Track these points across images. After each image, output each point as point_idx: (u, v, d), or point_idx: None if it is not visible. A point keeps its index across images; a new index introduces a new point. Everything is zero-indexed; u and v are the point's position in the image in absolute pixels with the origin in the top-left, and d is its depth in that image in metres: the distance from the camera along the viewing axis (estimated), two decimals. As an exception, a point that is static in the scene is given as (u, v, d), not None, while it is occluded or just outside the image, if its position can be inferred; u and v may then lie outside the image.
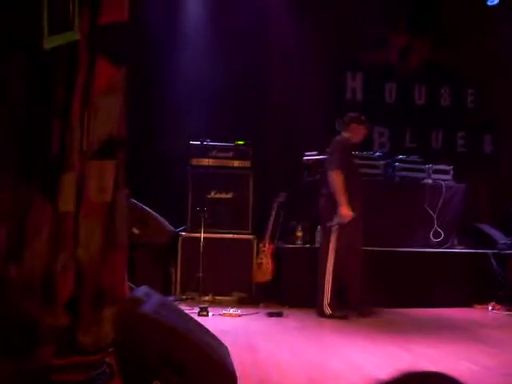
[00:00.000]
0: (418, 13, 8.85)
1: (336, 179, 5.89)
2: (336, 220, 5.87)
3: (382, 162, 7.34)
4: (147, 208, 6.22)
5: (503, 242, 7.12)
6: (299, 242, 6.79)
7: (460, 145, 8.88)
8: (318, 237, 6.70)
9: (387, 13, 8.71)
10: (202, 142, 6.88)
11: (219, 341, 3.18)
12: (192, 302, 6.26)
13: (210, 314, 5.73)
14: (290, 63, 8.23)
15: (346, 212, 5.80)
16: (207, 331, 3.16)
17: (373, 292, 6.05)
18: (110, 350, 3.09)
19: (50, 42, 3.10)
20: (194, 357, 2.72)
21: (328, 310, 5.85)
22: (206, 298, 6.32)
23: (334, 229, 5.88)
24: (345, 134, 6.24)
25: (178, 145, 7.18)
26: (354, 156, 6.25)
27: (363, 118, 6.31)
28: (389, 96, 8.75)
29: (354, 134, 6.21)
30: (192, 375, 2.67)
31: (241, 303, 6.47)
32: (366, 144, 7.81)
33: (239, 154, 6.93)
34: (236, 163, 6.92)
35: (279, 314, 5.88)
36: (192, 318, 3.34)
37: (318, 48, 8.24)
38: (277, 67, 8.21)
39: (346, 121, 6.28)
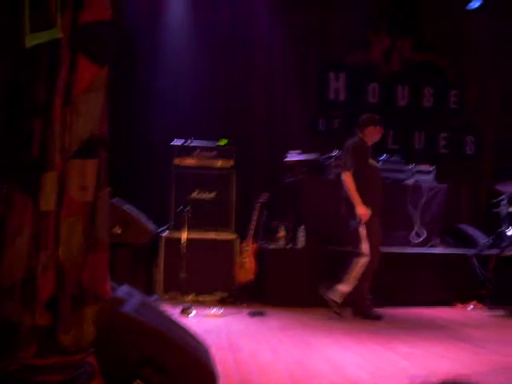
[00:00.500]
0: (400, 14, 8.91)
1: (347, 180, 5.90)
2: (356, 221, 5.86)
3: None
4: (129, 207, 6.19)
5: (484, 242, 7.18)
6: (282, 242, 6.80)
7: (442, 146, 8.94)
8: (301, 236, 6.72)
9: (370, 14, 8.78)
10: (184, 141, 6.86)
11: (200, 340, 3.18)
12: (174, 301, 6.24)
13: (193, 313, 5.72)
14: (273, 63, 8.24)
15: (363, 210, 5.79)
16: (188, 331, 3.16)
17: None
18: (91, 349, 3.08)
19: (31, 40, 3.08)
20: (175, 356, 2.72)
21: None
22: (189, 297, 6.31)
23: (361, 229, 5.84)
24: (358, 137, 6.17)
25: (161, 144, 7.16)
26: (371, 158, 6.13)
27: (377, 117, 6.23)
28: (371, 97, 8.80)
29: (370, 136, 6.13)
30: (173, 375, 2.66)
31: (223, 303, 6.46)
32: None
33: (222, 153, 6.92)
34: (219, 163, 6.90)
35: (261, 314, 5.89)
36: (173, 317, 3.33)
37: (301, 48, 8.28)
38: (260, 67, 8.22)
39: (361, 124, 6.19)
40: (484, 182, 8.55)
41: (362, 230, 5.83)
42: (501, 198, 7.11)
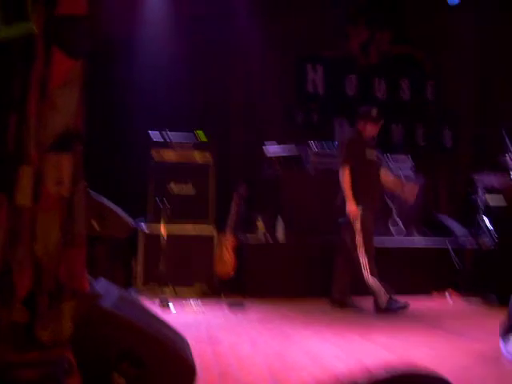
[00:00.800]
0: (379, 7, 8.94)
1: (342, 175, 5.91)
2: (346, 217, 5.88)
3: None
4: (106, 200, 6.16)
5: (461, 232, 7.27)
6: (261, 234, 6.82)
7: (420, 138, 9.00)
8: (280, 229, 6.75)
9: (348, 6, 8.79)
10: (163, 134, 6.83)
11: (179, 333, 3.18)
12: (153, 294, 6.23)
13: (171, 306, 5.72)
14: (251, 55, 8.22)
15: (352, 208, 5.82)
16: (167, 324, 3.16)
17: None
18: (69, 344, 3.07)
19: (4, 33, 3.04)
20: (152, 350, 2.72)
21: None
22: (168, 290, 6.30)
23: (355, 224, 5.84)
24: (355, 130, 6.19)
25: (139, 138, 7.12)
26: (369, 151, 6.07)
27: (373, 112, 6.14)
28: (349, 89, 8.82)
29: (364, 129, 6.10)
30: (151, 368, 2.67)
31: (202, 295, 6.47)
32: (327, 136, 7.90)
33: (201, 147, 6.89)
34: (197, 155, 6.88)
35: (241, 306, 5.90)
36: (151, 311, 3.33)
37: (279, 41, 8.28)
38: (238, 59, 8.21)
39: (359, 117, 6.14)
40: (461, 174, 8.63)
41: (356, 225, 5.83)
42: (476, 188, 7.19)
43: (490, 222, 6.64)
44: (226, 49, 8.08)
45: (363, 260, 5.80)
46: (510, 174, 6.29)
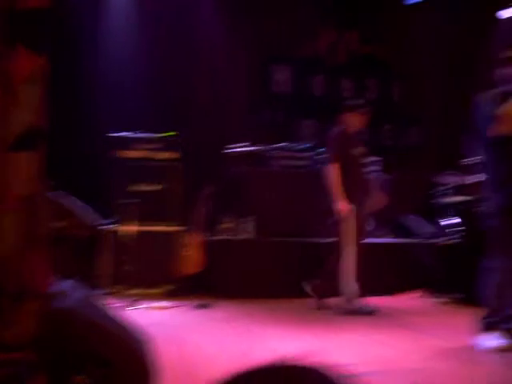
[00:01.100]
0: (346, 6, 8.97)
1: (329, 174, 5.77)
2: (335, 216, 5.74)
3: (307, 154, 7.40)
4: (72, 200, 6.09)
5: (427, 230, 7.34)
6: (227, 234, 6.80)
7: (387, 137, 9.08)
8: (247, 227, 6.74)
9: (316, 6, 8.80)
10: (129, 132, 6.75)
11: (144, 333, 3.15)
12: (119, 295, 6.16)
13: (138, 306, 5.67)
14: (218, 55, 8.19)
15: (341, 207, 5.68)
16: (131, 325, 3.13)
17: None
18: (33, 345, 3.02)
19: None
20: (117, 350, 2.69)
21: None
22: (134, 290, 6.24)
23: (342, 223, 5.71)
24: (339, 126, 6.01)
25: (105, 135, 7.01)
26: (355, 148, 5.93)
27: (354, 103, 6.07)
28: (317, 89, 8.85)
29: (349, 123, 5.93)
30: (116, 368, 2.64)
31: (169, 296, 6.42)
32: (294, 136, 7.92)
33: (167, 145, 6.83)
34: (164, 154, 6.82)
35: (207, 306, 5.88)
36: (115, 311, 3.29)
37: (246, 40, 8.26)
38: (204, 58, 8.15)
39: (340, 111, 6.00)
40: (428, 173, 8.71)
41: (342, 225, 5.74)
42: (440, 188, 7.27)
43: (456, 220, 6.71)
44: (193, 47, 8.03)
45: (346, 260, 5.76)
46: (470, 174, 6.35)
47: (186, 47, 7.95)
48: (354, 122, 5.97)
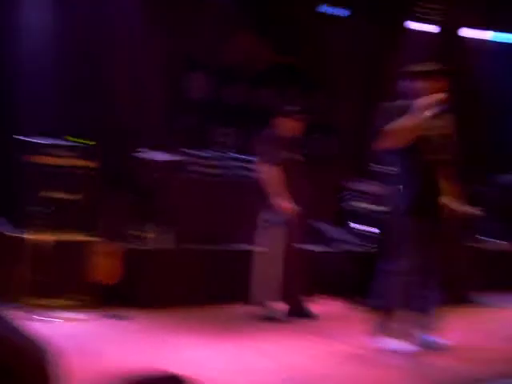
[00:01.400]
0: (264, 15, 9.03)
1: (265, 173, 5.68)
2: (276, 218, 5.64)
3: (222, 162, 7.40)
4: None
5: (339, 237, 7.46)
6: (146, 243, 6.70)
7: (304, 146, 9.16)
8: (165, 235, 6.66)
9: (234, 14, 8.81)
10: (40, 137, 6.53)
11: (49, 345, 3.07)
12: (28, 306, 5.93)
13: (50, 318, 5.50)
14: (134, 62, 8.06)
15: (283, 204, 5.58)
16: (36, 336, 3.04)
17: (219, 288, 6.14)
18: None
19: None
20: (21, 361, 2.61)
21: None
22: (46, 301, 6.04)
23: (272, 225, 5.64)
24: (271, 129, 5.97)
25: (15, 141, 6.74)
26: (286, 150, 5.89)
27: (295, 109, 6.06)
28: (234, 97, 8.84)
29: (282, 127, 5.91)
30: (19, 379, 2.56)
31: (82, 307, 6.23)
32: (212, 144, 7.92)
33: (82, 152, 6.65)
34: (78, 162, 6.62)
35: (121, 317, 5.75)
36: (22, 323, 3.19)
37: (163, 48, 8.17)
38: (119, 63, 7.99)
39: (275, 115, 5.97)
40: (339, 181, 8.87)
41: (281, 228, 5.68)
42: (349, 192, 7.43)
43: (367, 228, 6.86)
44: (109, 51, 7.87)
45: (269, 266, 5.73)
46: (379, 181, 6.49)
47: (103, 54, 7.78)
48: (287, 126, 5.98)
